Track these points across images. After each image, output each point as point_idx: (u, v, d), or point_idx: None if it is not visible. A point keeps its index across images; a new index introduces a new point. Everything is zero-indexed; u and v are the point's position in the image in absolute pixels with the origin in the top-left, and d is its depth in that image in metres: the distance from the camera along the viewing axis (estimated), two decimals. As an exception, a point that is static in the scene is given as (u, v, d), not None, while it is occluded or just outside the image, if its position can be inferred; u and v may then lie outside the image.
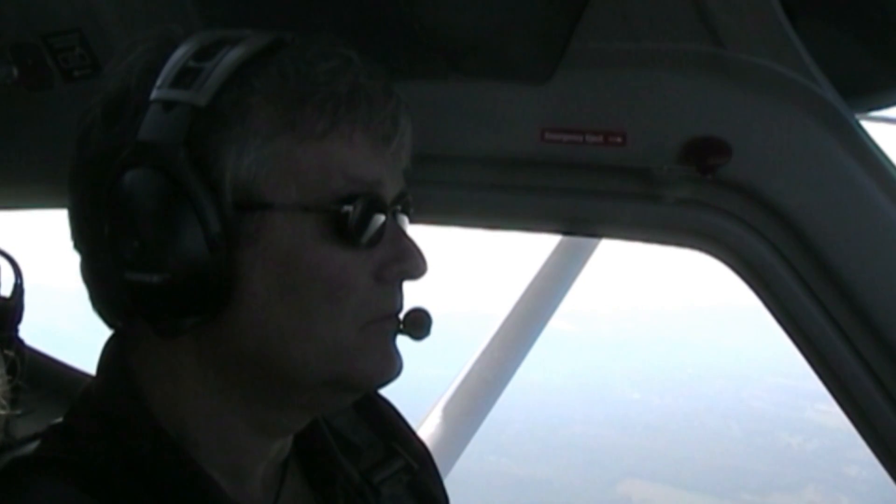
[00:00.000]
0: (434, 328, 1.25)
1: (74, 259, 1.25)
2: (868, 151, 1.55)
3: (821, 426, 28.89)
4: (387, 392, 1.51)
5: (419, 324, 1.24)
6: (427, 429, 5.04)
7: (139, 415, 1.19)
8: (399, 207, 1.22)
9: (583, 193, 1.73)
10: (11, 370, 1.65)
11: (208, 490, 1.17)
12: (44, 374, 2.08)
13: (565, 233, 2.07)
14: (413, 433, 1.52)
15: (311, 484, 1.33)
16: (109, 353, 1.26)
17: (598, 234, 1.99)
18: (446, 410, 5.15)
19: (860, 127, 1.56)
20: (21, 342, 1.69)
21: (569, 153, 1.68)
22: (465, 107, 1.73)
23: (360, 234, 1.14)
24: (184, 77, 1.12)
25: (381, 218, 1.17)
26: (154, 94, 1.12)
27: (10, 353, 1.65)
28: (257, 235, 1.12)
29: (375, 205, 1.16)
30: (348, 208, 1.13)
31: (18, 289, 1.67)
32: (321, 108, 1.13)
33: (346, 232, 1.13)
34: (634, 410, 30.31)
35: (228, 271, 1.12)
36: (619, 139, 1.65)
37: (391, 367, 1.20)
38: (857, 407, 1.62)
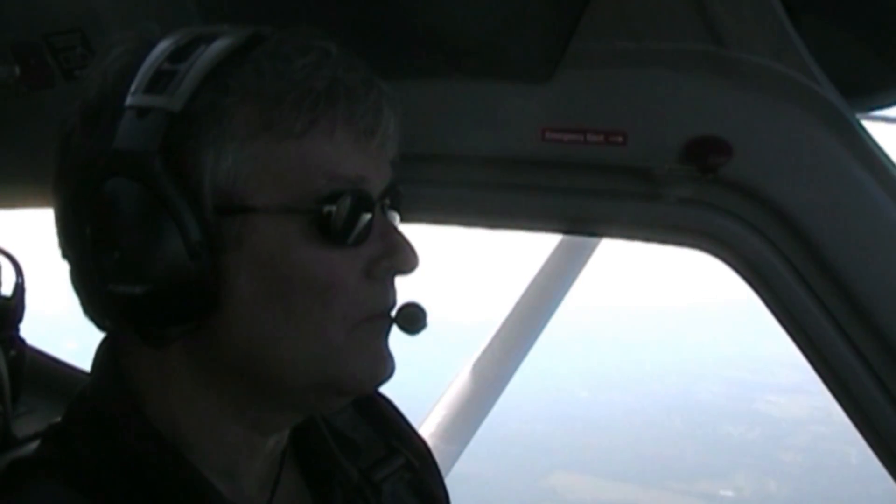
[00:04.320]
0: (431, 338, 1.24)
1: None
2: (869, 151, 1.55)
3: (766, 416, 29.38)
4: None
5: (413, 318, 1.21)
6: (428, 427, 5.04)
7: (133, 417, 1.18)
8: (387, 202, 1.20)
9: (584, 193, 1.73)
10: (13, 369, 1.66)
11: (203, 491, 1.17)
12: (45, 373, 2.08)
13: (566, 232, 2.06)
14: (414, 431, 1.52)
15: (307, 482, 1.32)
16: (102, 356, 1.25)
17: (599, 234, 1.99)
18: (447, 409, 5.15)
19: (861, 126, 1.56)
20: (23, 342, 1.69)
21: (569, 153, 1.68)
22: (466, 106, 1.73)
23: (346, 232, 1.12)
24: (158, 81, 1.10)
25: (368, 215, 1.14)
26: (128, 101, 1.10)
27: (12, 353, 1.66)
28: (241, 240, 1.10)
29: (361, 202, 1.13)
30: (331, 208, 1.11)
31: (19, 288, 1.67)
32: (299, 105, 1.11)
33: (331, 231, 1.11)
34: (579, 408, 30.56)
35: (213, 278, 1.10)
36: (619, 139, 1.65)
37: (382, 369, 1.19)
38: (856, 404, 1.62)
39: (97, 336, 1.26)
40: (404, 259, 1.17)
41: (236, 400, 1.18)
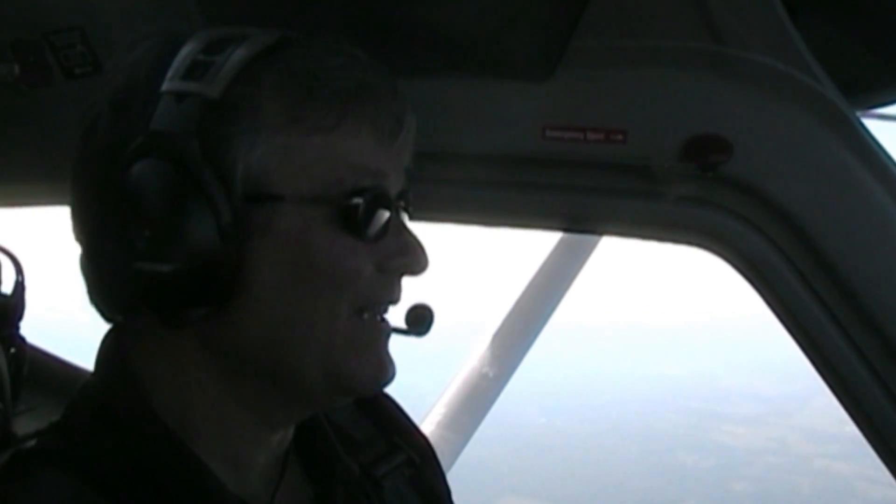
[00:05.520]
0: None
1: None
2: (869, 149, 1.55)
3: (722, 446, 29.82)
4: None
5: (421, 320, 1.27)
6: (425, 428, 5.05)
7: (139, 407, 1.19)
8: (401, 204, 1.24)
9: (584, 191, 1.73)
10: (13, 367, 1.66)
11: (208, 482, 1.18)
12: (45, 371, 2.08)
13: (566, 230, 2.07)
14: (416, 428, 1.53)
15: (310, 477, 1.33)
16: (108, 347, 1.26)
17: (600, 232, 1.99)
18: (445, 409, 5.15)
19: (861, 124, 1.56)
20: (23, 339, 1.69)
21: (570, 151, 1.68)
22: (467, 104, 1.73)
23: (367, 226, 1.16)
24: (194, 70, 1.13)
25: (387, 211, 1.19)
26: (165, 86, 1.13)
27: (12, 351, 1.66)
28: (268, 227, 1.14)
29: (382, 198, 1.18)
30: (358, 201, 1.15)
31: (20, 286, 1.67)
32: (330, 102, 1.15)
33: (354, 224, 1.15)
34: (535, 434, 30.98)
35: (238, 262, 1.13)
36: (620, 137, 1.65)
37: (383, 373, 1.22)
38: (857, 404, 1.62)
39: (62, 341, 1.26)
40: (416, 259, 1.22)
41: (247, 389, 1.19)
